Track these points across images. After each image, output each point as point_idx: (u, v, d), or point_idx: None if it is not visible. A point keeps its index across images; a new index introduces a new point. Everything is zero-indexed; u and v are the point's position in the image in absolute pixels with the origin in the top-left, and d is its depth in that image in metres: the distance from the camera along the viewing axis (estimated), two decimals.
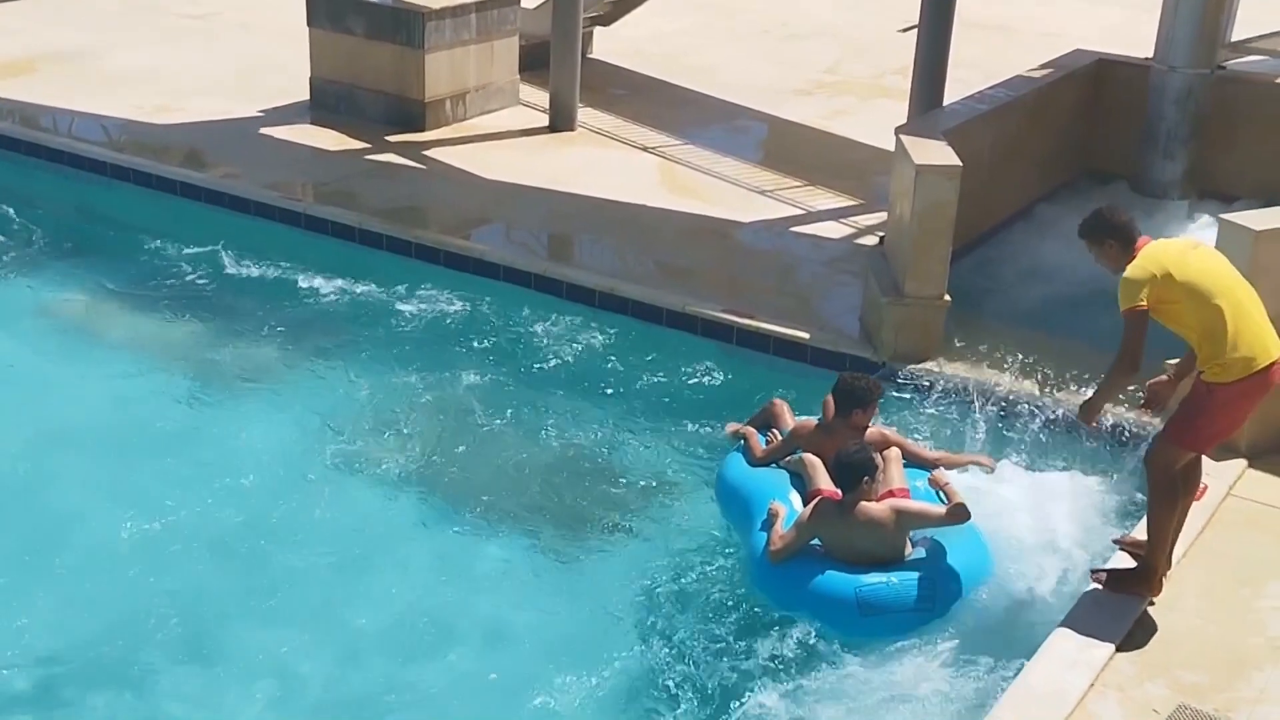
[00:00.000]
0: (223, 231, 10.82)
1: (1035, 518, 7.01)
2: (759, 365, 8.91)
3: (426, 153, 12.19)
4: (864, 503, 6.61)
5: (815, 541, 6.70)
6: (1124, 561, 6.56)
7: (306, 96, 13.22)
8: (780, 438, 7.44)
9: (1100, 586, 6.39)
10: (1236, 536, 6.99)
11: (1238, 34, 11.67)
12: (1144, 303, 5.98)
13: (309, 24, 13.08)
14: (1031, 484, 7.30)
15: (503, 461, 8.14)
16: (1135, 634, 6.19)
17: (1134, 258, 6.06)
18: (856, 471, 6.59)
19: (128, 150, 11.89)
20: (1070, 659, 5.99)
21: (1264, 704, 5.78)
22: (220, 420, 8.53)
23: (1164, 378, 6.56)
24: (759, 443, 7.49)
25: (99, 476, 7.85)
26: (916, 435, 7.98)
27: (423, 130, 12.62)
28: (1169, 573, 6.46)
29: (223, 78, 13.94)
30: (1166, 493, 6.21)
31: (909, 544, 6.71)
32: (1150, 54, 10.86)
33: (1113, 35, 14.42)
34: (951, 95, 10.76)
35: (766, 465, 7.36)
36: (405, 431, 8.43)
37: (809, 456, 7.14)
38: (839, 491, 6.73)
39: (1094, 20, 17.36)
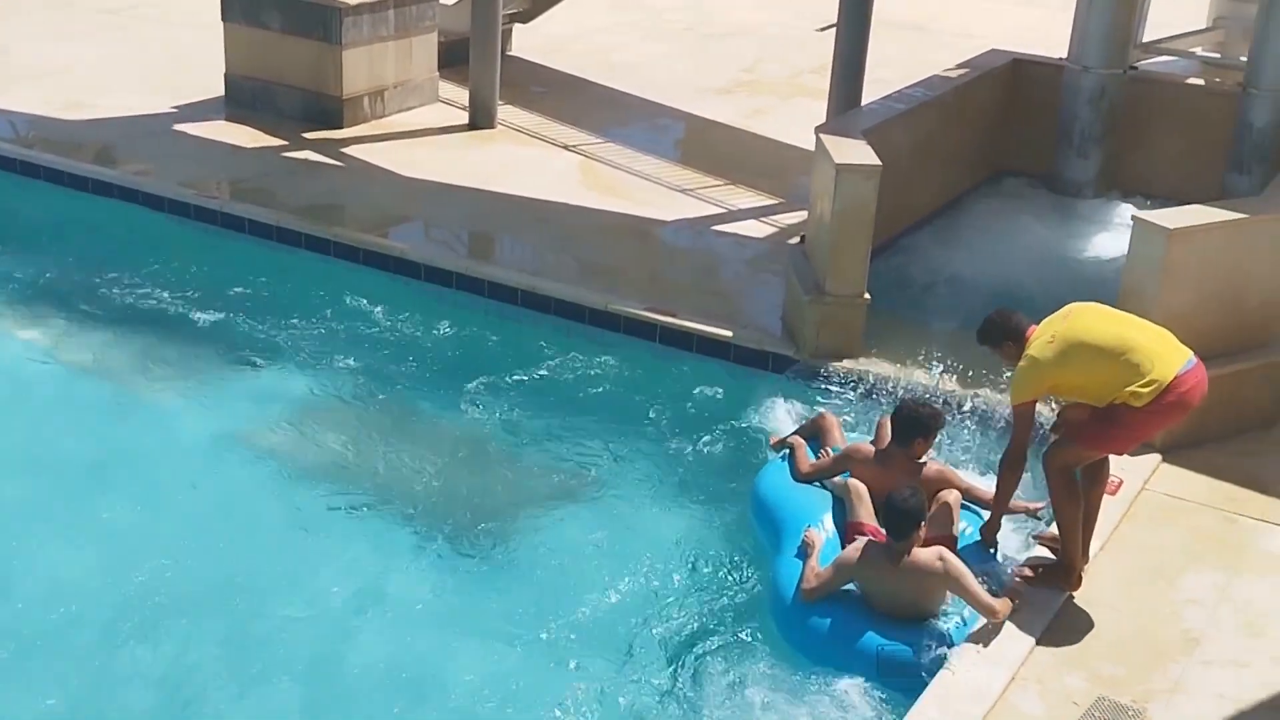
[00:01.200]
0: (136, 230, 10.63)
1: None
2: (682, 363, 8.91)
3: (345, 150, 12.06)
4: (915, 550, 6.20)
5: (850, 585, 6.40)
6: (1044, 556, 6.66)
7: (221, 93, 13.01)
8: (831, 455, 7.14)
9: (1026, 581, 6.46)
10: (1152, 530, 7.11)
11: (1149, 35, 11.91)
12: (1033, 398, 6.27)
13: (224, 19, 12.87)
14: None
15: (428, 461, 8.08)
16: (1055, 627, 6.28)
17: (1024, 348, 6.25)
18: (911, 519, 6.16)
19: (37, 147, 11.63)
20: (991, 653, 6.05)
21: (1179, 694, 5.89)
22: (132, 424, 8.37)
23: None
24: (807, 456, 7.19)
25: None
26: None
27: (340, 127, 12.48)
28: (1087, 566, 6.56)
29: (136, 74, 13.69)
30: (1066, 490, 6.33)
31: (947, 597, 6.37)
32: (1064, 54, 11.01)
33: (1027, 35, 14.62)
34: (869, 95, 10.84)
35: (810, 482, 7.07)
36: (328, 431, 8.34)
37: (855, 483, 6.80)
38: (881, 529, 6.42)
39: (1009, 20, 17.58)
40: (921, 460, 6.88)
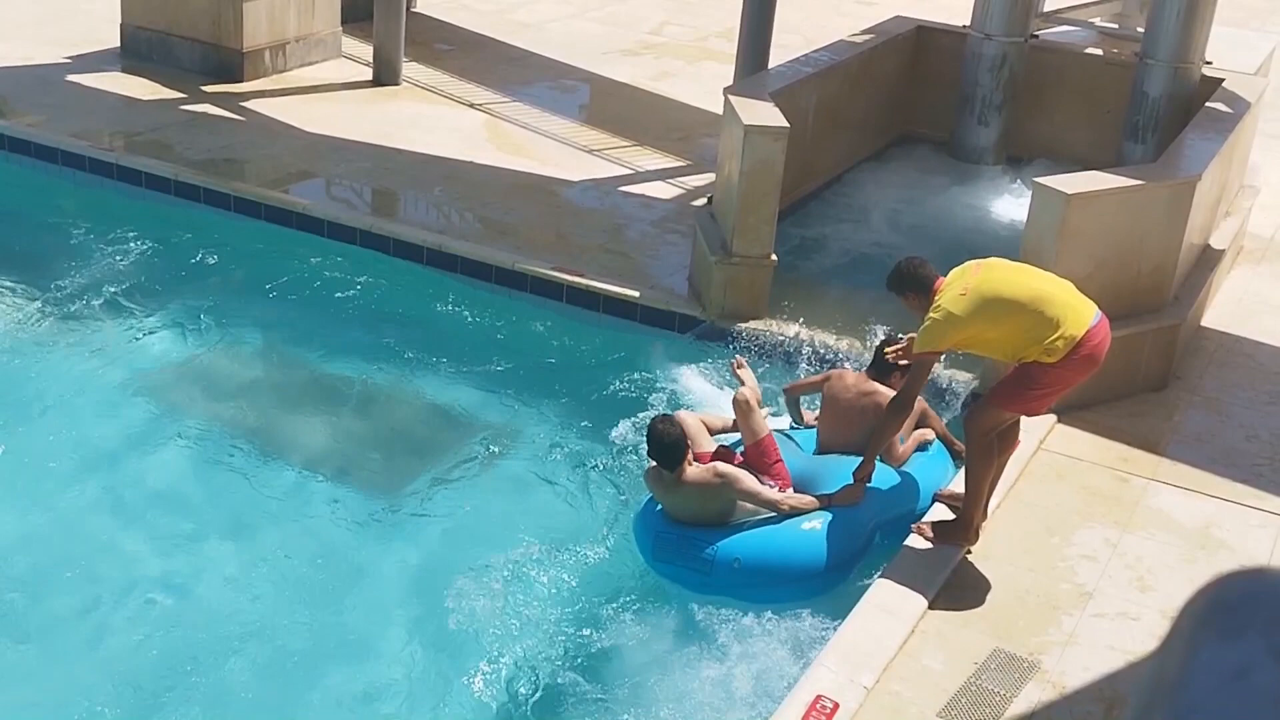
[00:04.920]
0: (28, 183, 10.36)
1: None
2: (589, 323, 8.91)
3: (245, 104, 11.84)
4: (688, 470, 6.47)
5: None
6: (943, 514, 6.78)
7: (117, 43, 12.71)
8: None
9: (924, 539, 6.57)
10: (1047, 488, 7.27)
11: (1049, 5, 12.10)
12: (939, 349, 6.29)
13: None
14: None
15: (331, 417, 8.01)
16: (953, 583, 6.39)
17: (933, 301, 6.27)
18: (669, 452, 6.43)
19: None
20: (890, 608, 6.14)
21: (1073, 647, 6.05)
22: (27, 381, 8.18)
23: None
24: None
25: None
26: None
27: (241, 81, 12.25)
28: (984, 523, 6.69)
29: (25, 21, 13.30)
30: (984, 452, 6.40)
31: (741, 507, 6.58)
32: (967, 22, 11.14)
33: (927, 3, 14.75)
34: (774, 60, 10.87)
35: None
36: (226, 387, 8.23)
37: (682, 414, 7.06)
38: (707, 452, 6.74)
39: None
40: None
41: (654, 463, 6.56)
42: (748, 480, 6.53)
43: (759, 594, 6.42)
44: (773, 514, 6.59)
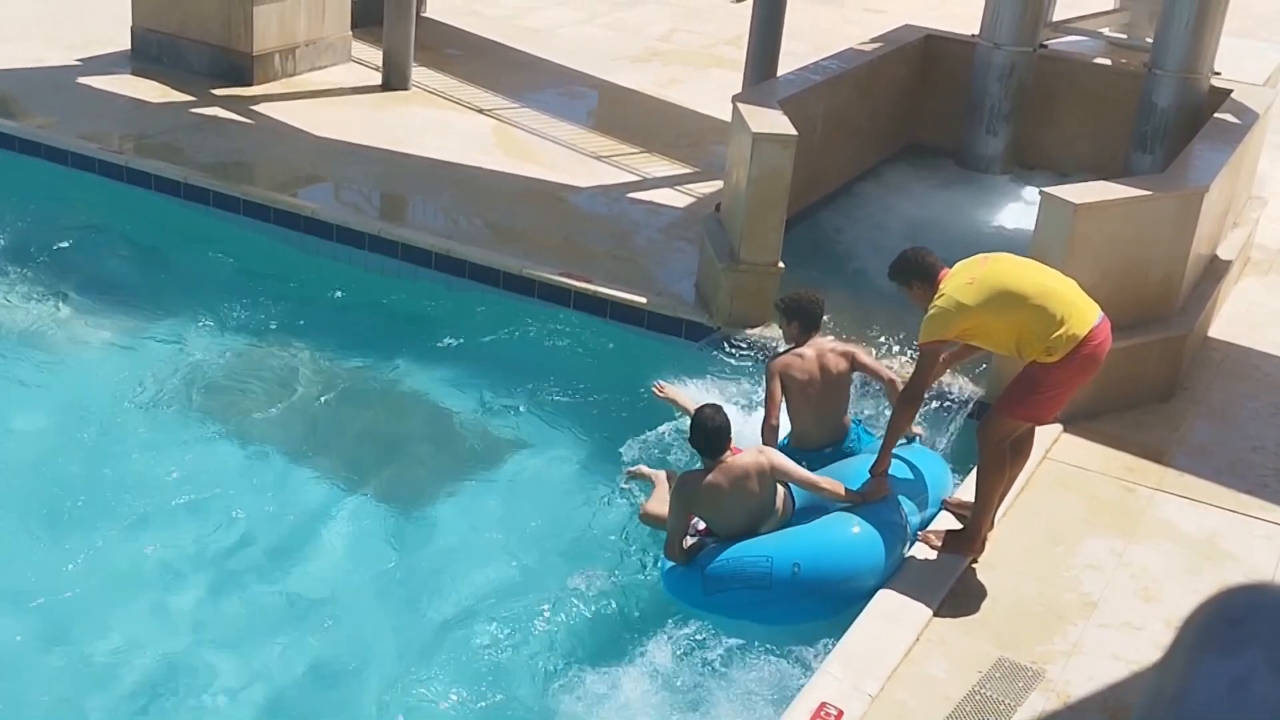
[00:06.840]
0: (38, 184, 10.40)
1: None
2: (596, 329, 8.92)
3: (255, 108, 11.87)
4: (730, 460, 6.31)
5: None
6: (949, 522, 6.78)
7: (127, 46, 12.75)
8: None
9: (931, 547, 6.57)
10: (1052, 498, 7.27)
11: (1058, 14, 12.10)
12: (945, 338, 6.26)
13: None
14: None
15: (338, 420, 8.03)
16: (957, 592, 6.39)
17: (937, 291, 6.26)
18: (720, 437, 6.28)
19: None
20: (895, 616, 6.15)
21: (1077, 656, 6.05)
22: (31, 380, 8.21)
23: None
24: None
25: None
26: (747, 400, 8.13)
27: (250, 85, 12.29)
28: (990, 533, 6.69)
29: (35, 23, 13.35)
30: (996, 462, 6.39)
31: (786, 505, 6.51)
32: (976, 31, 11.15)
33: (936, 12, 14.77)
34: (783, 67, 10.90)
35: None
36: (235, 390, 8.25)
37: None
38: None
39: None
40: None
41: (694, 475, 6.34)
42: (788, 460, 6.41)
43: (816, 608, 6.30)
44: (804, 518, 6.51)
